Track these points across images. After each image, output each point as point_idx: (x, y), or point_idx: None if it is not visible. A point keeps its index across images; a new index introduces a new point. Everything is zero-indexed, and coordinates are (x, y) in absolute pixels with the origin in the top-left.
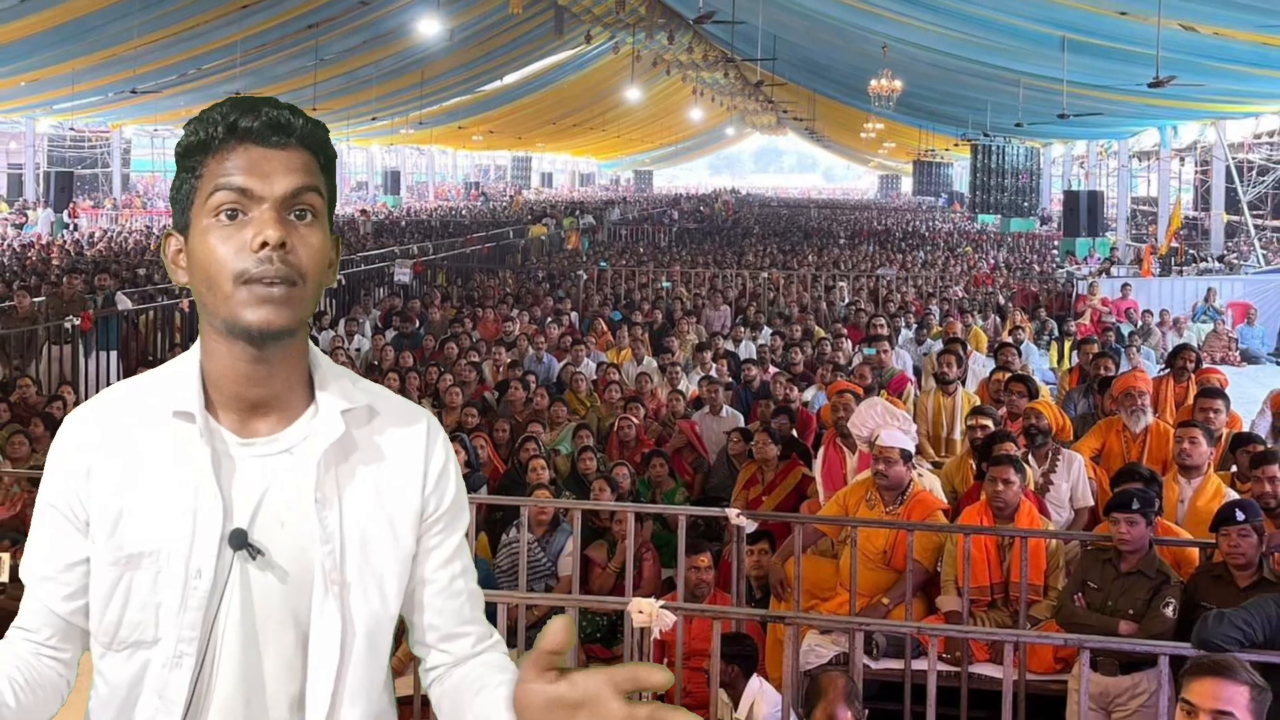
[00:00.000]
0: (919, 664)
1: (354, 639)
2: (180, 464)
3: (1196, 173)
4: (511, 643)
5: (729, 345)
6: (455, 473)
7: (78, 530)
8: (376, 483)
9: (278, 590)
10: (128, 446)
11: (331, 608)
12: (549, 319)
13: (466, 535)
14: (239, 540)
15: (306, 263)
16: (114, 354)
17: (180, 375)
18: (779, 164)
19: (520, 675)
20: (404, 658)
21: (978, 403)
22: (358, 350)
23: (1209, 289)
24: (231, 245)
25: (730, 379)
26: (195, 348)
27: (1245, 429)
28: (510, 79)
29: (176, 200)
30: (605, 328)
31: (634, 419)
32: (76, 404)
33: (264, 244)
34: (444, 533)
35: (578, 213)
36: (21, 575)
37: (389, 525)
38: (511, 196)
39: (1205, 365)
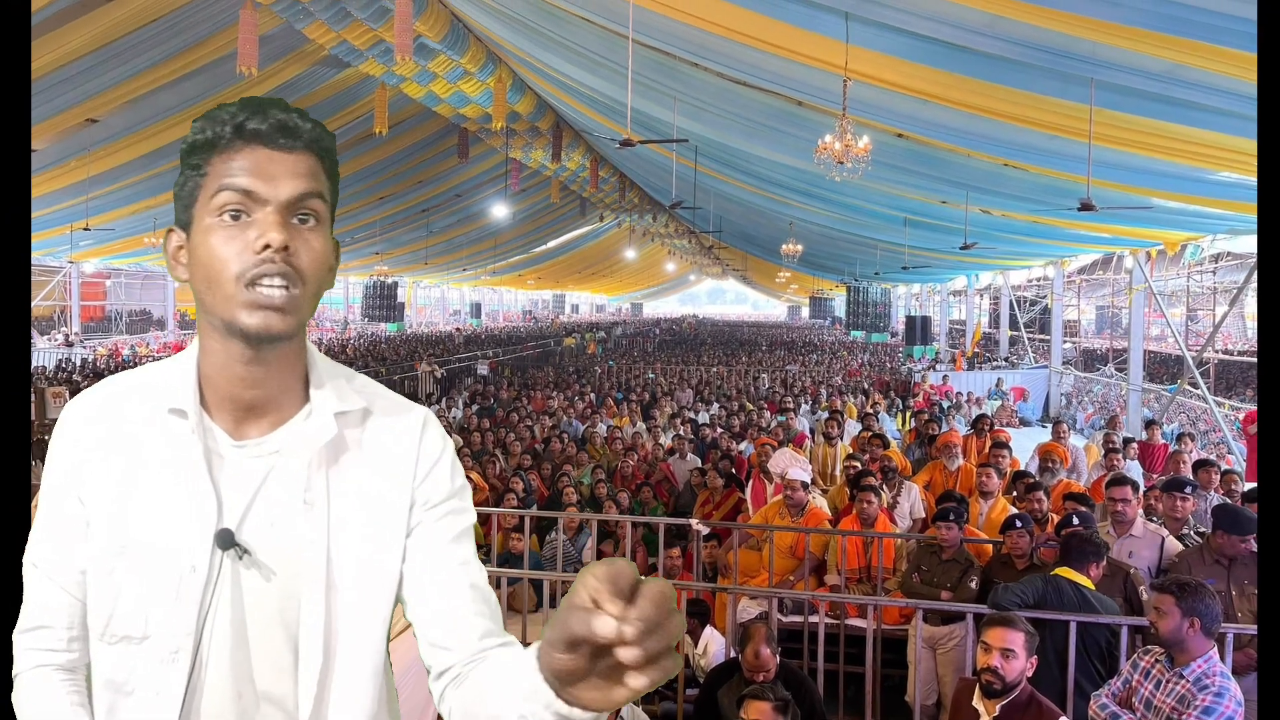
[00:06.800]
0: (814, 619)
1: (339, 641)
2: (174, 460)
3: (990, 303)
4: (553, 604)
5: (691, 414)
6: (451, 465)
7: (81, 517)
8: (367, 485)
9: (267, 590)
10: (124, 440)
11: (317, 609)
12: (576, 397)
13: (493, 540)
14: (225, 540)
15: (307, 266)
16: None
17: (178, 372)
18: (723, 298)
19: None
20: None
21: (851, 451)
22: (454, 417)
23: (999, 378)
24: (234, 245)
25: (692, 436)
26: (193, 345)
27: (1022, 469)
28: (551, 244)
29: (180, 196)
30: (612, 403)
31: (631, 462)
32: None
33: (266, 245)
34: (442, 521)
35: (595, 329)
36: (29, 564)
37: (378, 528)
38: (552, 319)
39: (996, 428)
